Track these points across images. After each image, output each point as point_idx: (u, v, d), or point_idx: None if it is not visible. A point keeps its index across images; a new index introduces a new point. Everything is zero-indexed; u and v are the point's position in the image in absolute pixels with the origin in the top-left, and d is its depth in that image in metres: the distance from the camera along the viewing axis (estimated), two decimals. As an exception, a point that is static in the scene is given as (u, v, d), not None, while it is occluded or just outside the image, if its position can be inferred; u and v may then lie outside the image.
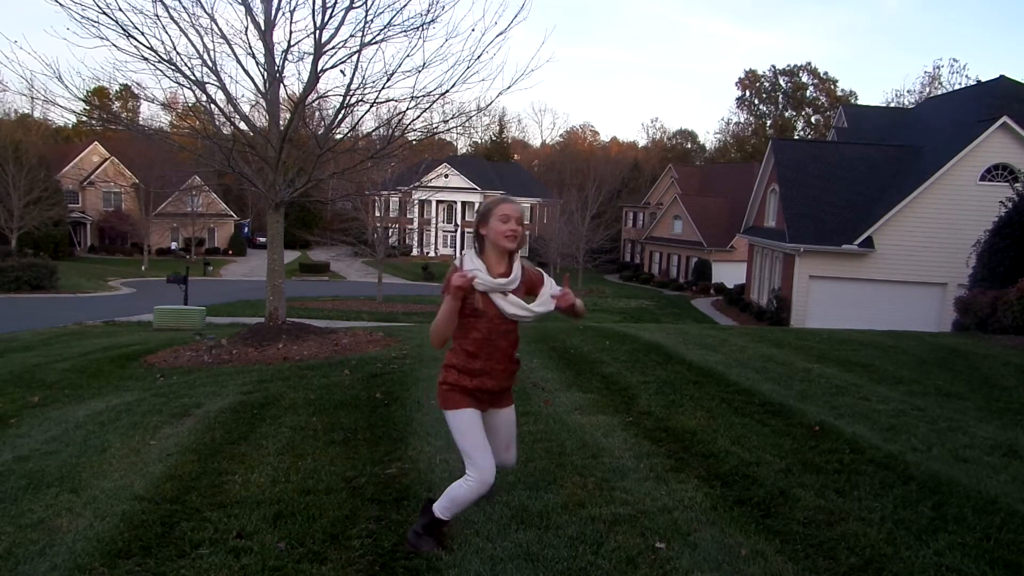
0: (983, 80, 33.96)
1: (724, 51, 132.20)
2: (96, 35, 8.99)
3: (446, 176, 54.73)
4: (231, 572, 3.01)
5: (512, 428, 3.25)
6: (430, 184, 42.95)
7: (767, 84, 80.00)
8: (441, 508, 3.04)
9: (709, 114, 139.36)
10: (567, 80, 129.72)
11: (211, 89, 9.85)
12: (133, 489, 4.01)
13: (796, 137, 68.88)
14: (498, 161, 76.02)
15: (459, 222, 66.61)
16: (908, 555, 3.10)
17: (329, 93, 10.84)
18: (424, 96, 9.92)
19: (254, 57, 9.95)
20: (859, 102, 67.38)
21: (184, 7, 9.36)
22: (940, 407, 6.03)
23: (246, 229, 61.97)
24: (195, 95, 10.05)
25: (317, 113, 12.43)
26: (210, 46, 9.55)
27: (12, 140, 39.92)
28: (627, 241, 62.98)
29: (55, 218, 40.97)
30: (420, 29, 9.56)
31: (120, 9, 9.02)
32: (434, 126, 11.70)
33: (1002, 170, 23.79)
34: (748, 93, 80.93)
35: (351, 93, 9.91)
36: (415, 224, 60.69)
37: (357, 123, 12.63)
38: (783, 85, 79.24)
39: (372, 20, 9.58)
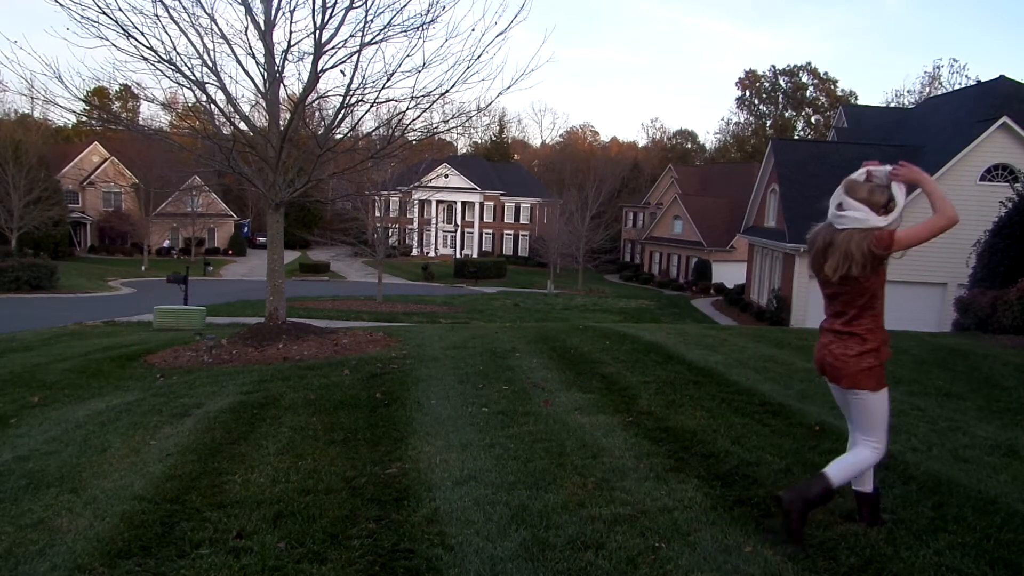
0: (983, 80, 34.01)
1: (724, 51, 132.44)
2: (96, 35, 9.00)
3: (446, 176, 54.78)
4: (231, 572, 3.01)
5: None
6: (430, 184, 43.04)
7: (767, 84, 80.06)
8: (840, 477, 3.21)
9: (709, 114, 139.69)
10: (567, 80, 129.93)
11: (211, 89, 9.86)
12: (133, 489, 4.01)
13: (796, 137, 68.90)
14: (498, 161, 76.04)
15: (459, 222, 66.64)
16: (908, 555, 3.09)
17: (329, 93, 10.85)
18: (424, 96, 9.93)
19: (254, 57, 9.96)
20: (859, 102, 67.51)
21: (184, 7, 9.37)
22: (940, 407, 6.03)
23: (246, 229, 61.97)
24: (195, 95, 10.06)
25: (317, 113, 12.44)
26: (210, 46, 9.56)
27: (12, 140, 39.88)
28: (627, 241, 62.96)
29: (55, 218, 40.92)
30: (420, 29, 9.58)
31: (120, 9, 9.04)
32: (434, 126, 11.71)
33: (1002, 170, 23.79)
34: (748, 93, 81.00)
35: (351, 93, 9.92)
36: (415, 224, 60.73)
37: (357, 123, 12.66)
38: (783, 85, 79.30)
39: (372, 20, 9.60)
